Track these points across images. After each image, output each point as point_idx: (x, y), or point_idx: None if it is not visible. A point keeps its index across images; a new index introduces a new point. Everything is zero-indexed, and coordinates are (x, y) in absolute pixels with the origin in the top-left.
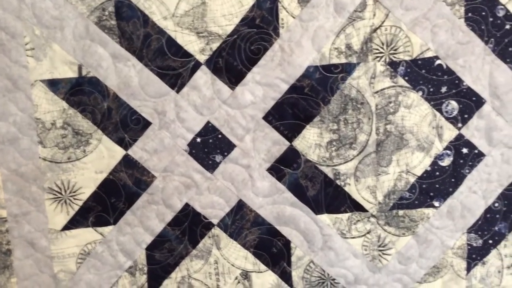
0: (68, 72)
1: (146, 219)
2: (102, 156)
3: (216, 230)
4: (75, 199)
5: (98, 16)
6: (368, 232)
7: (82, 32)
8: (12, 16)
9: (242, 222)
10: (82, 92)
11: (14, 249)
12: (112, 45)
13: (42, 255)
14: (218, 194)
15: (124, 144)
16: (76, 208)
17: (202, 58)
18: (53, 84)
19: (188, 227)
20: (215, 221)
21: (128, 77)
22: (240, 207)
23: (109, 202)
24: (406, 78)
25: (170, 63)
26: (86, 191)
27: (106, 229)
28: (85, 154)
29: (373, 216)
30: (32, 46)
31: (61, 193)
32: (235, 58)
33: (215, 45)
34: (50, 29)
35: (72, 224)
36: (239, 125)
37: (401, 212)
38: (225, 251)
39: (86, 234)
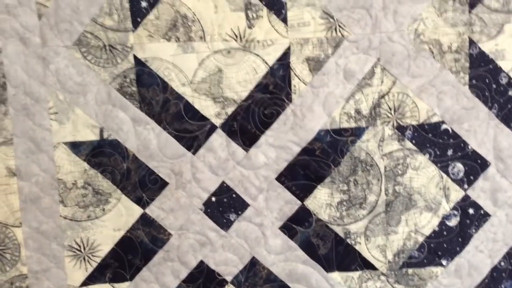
0: (90, 135)
1: (162, 276)
2: (121, 214)
3: (230, 287)
4: (93, 256)
5: (119, 83)
6: None
7: (104, 97)
8: (37, 82)
9: (255, 279)
10: (103, 154)
11: None
12: (132, 109)
13: None
14: (232, 251)
15: (142, 203)
16: (95, 264)
17: (217, 121)
18: (75, 146)
19: (202, 284)
20: (229, 278)
21: (147, 140)
22: (253, 264)
23: (126, 259)
24: (414, 141)
25: (187, 126)
26: (104, 248)
27: (123, 285)
28: (104, 213)
29: (383, 274)
30: (55, 110)
31: (80, 250)
32: (249, 122)
33: (230, 110)
34: (73, 94)
35: (90, 280)
36: (252, 185)
37: (410, 271)
38: None
39: None
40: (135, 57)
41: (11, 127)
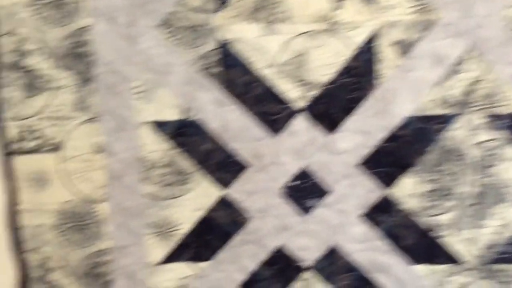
0: (173, 115)
1: (240, 258)
2: (200, 195)
3: (308, 274)
4: (173, 234)
5: (204, 64)
6: (465, 286)
7: (188, 78)
8: (124, 61)
9: (334, 267)
10: (185, 134)
11: (115, 281)
12: (215, 90)
13: None
14: (311, 238)
15: (222, 184)
16: (174, 243)
17: (300, 105)
18: (158, 126)
19: (280, 269)
20: (307, 264)
21: (229, 121)
22: (333, 252)
23: (205, 239)
24: (507, 131)
25: (269, 109)
26: (184, 228)
27: (202, 265)
28: (184, 193)
29: (470, 269)
30: (140, 89)
31: (160, 229)
32: (333, 106)
33: (313, 93)
34: (158, 74)
35: (169, 258)
36: (334, 170)
37: (499, 267)
38: None
39: (182, 269)
40: (220, 39)
41: (98, 105)
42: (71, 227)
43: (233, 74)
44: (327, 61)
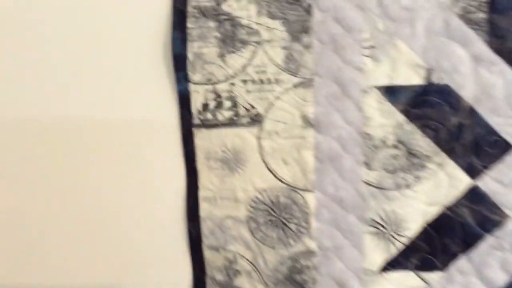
0: (412, 78)
1: (486, 268)
2: (441, 185)
3: None
4: (399, 235)
5: (463, 7)
6: None
7: (439, 27)
8: (352, 5)
9: None
10: (427, 104)
11: None
12: (476, 45)
13: None
14: None
15: (473, 172)
16: (400, 246)
17: None
18: (391, 92)
19: None
20: None
21: (491, 87)
22: None
23: (440, 243)
24: None
25: None
26: (413, 227)
27: (433, 276)
28: (418, 181)
29: None
30: (371, 43)
31: (384, 227)
32: None
33: None
34: (397, 23)
35: (392, 265)
36: None
37: None
38: None
39: (406, 279)
40: None
41: (313, 64)
42: (267, 222)
43: (505, 22)
44: None
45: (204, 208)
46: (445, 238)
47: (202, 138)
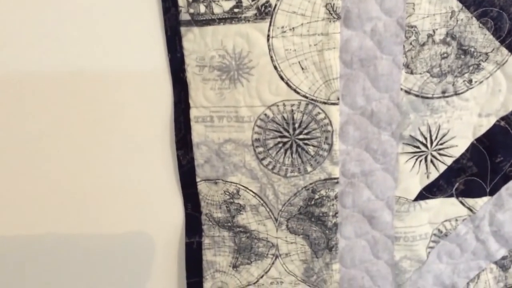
0: None
1: None
2: (498, 90)
3: None
4: (441, 154)
5: None
6: None
7: None
8: None
9: None
10: None
11: (340, 227)
12: None
13: (380, 234)
14: None
15: None
16: (442, 168)
17: None
18: None
19: None
20: None
21: None
22: None
23: (491, 162)
24: None
25: None
26: (459, 143)
27: (479, 202)
28: (469, 87)
29: None
30: None
31: (424, 145)
32: None
33: None
34: None
35: (431, 191)
36: None
37: None
38: None
39: (446, 207)
40: None
41: None
42: (278, 145)
43: None
44: None
45: (197, 131)
46: (497, 156)
47: (193, 40)
